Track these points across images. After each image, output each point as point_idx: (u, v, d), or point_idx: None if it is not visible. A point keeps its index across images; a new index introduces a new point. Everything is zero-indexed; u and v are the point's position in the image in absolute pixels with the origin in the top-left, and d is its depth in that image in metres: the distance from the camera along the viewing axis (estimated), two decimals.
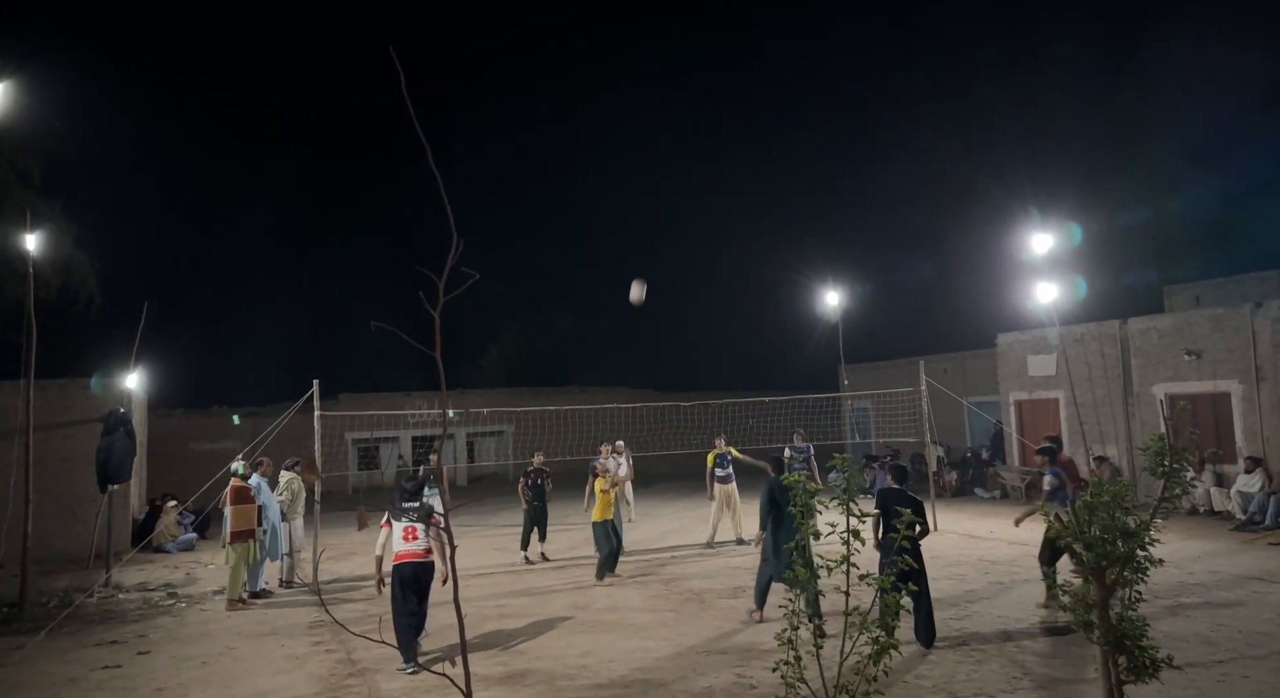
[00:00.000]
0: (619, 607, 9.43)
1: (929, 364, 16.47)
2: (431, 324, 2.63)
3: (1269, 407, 13.96)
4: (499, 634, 8.44)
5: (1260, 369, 14.14)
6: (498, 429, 26.46)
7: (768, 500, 8.54)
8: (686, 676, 6.85)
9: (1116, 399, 16.58)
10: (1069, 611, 3.83)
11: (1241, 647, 6.99)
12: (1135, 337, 16.50)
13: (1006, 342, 19.60)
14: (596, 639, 8.06)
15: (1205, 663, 6.57)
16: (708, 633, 8.17)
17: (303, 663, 7.76)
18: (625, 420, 17.79)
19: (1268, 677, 6.22)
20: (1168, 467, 4.00)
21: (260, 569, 10.91)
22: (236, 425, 13.50)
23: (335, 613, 9.67)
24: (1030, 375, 18.88)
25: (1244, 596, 8.83)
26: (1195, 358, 15.19)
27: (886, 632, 2.98)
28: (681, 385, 29.71)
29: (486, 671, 7.15)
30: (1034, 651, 7.16)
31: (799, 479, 3.67)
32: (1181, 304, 20.29)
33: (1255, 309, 14.40)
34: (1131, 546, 3.72)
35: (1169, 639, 7.05)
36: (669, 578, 10.96)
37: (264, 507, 10.72)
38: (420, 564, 7.51)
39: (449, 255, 2.55)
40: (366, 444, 25.29)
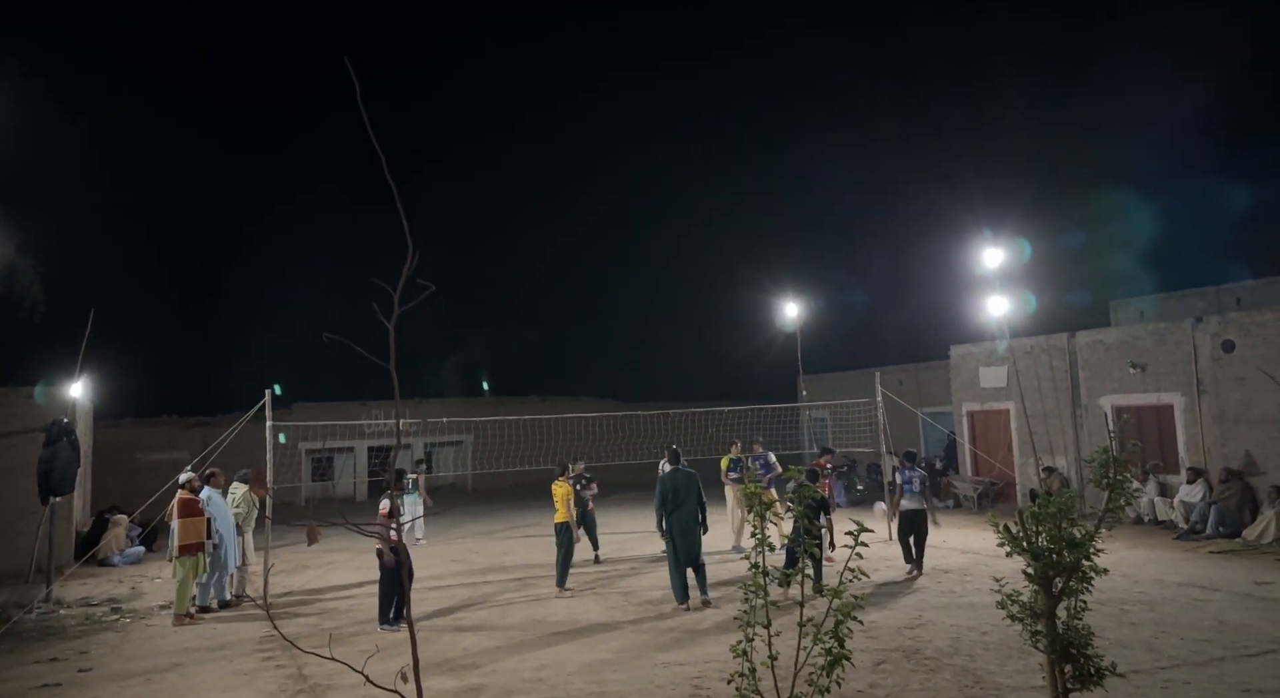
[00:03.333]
0: (577, 618, 9.38)
1: (885, 375, 16.70)
2: (387, 335, 2.61)
3: (1210, 419, 14.41)
4: (454, 647, 8.34)
5: (1201, 382, 14.59)
6: (456, 439, 26.20)
7: (659, 496, 9.96)
8: (644, 687, 6.83)
9: (1065, 410, 16.98)
10: (1015, 619, 3.91)
11: (1184, 654, 7.19)
12: (1083, 350, 16.92)
13: (959, 354, 19.97)
14: (554, 652, 8.00)
15: (1149, 670, 6.74)
16: (666, 643, 8.16)
17: (252, 679, 7.58)
18: (586, 431, 17.76)
19: (1208, 684, 6.40)
20: (1112, 479, 4.11)
21: (224, 580, 10.67)
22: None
23: (286, 628, 9.48)
24: (982, 387, 19.25)
25: (1186, 603, 9.08)
26: (1140, 371, 15.63)
27: (839, 643, 3.01)
28: (643, 396, 29.76)
29: (440, 685, 7.06)
30: (985, 659, 7.28)
31: (756, 490, 3.70)
32: (1127, 318, 20.88)
33: (1196, 324, 14.87)
34: (1077, 556, 3.81)
35: (1115, 646, 7.22)
36: (628, 589, 10.93)
37: (213, 519, 10.48)
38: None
39: (404, 266, 2.54)
40: (320, 455, 24.87)
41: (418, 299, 2.54)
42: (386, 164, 2.57)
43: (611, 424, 17.28)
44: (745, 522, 13.24)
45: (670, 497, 9.81)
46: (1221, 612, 8.62)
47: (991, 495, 18.45)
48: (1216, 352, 14.33)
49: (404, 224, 2.54)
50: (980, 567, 11.43)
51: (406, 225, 2.54)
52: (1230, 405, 14.09)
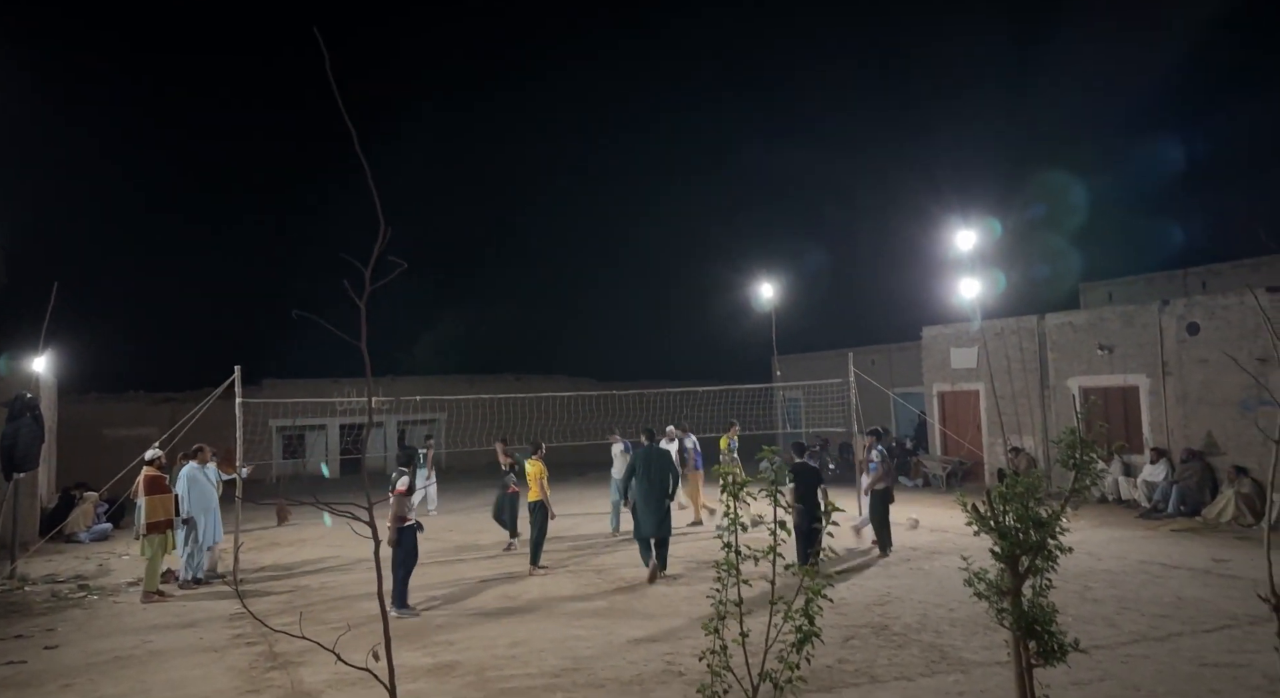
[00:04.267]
0: (551, 596, 9.42)
1: (858, 356, 16.82)
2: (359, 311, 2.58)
3: (1174, 400, 14.69)
4: (428, 625, 8.35)
5: (1166, 364, 14.86)
6: (430, 417, 26.08)
7: (628, 470, 10.63)
8: (617, 663, 6.89)
9: (1034, 391, 17.23)
10: (982, 597, 3.98)
11: (1144, 629, 7.37)
12: (1052, 331, 17.15)
13: (931, 335, 20.17)
14: (527, 629, 8.04)
15: (1110, 645, 6.91)
16: (639, 621, 8.23)
17: (222, 656, 7.55)
18: (561, 409, 17.74)
19: (1167, 658, 6.57)
20: (1079, 460, 4.18)
21: (202, 558, 10.57)
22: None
23: (257, 605, 9.44)
24: (953, 368, 19.47)
25: (1147, 580, 9.30)
26: (1107, 353, 15.88)
27: (809, 620, 3.04)
28: (618, 375, 29.76)
29: (414, 661, 7.07)
30: (952, 635, 7.42)
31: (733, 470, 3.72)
32: (1096, 300, 21.18)
33: (1163, 307, 15.12)
34: (1043, 535, 3.88)
35: (1077, 622, 7.39)
36: (602, 567, 10.99)
37: (184, 496, 10.36)
38: (402, 528, 8.76)
39: (376, 243, 2.50)
40: (291, 432, 24.66)
41: (389, 277, 2.50)
42: (357, 137, 2.52)
43: (586, 403, 17.29)
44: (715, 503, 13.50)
45: (640, 471, 10.39)
46: (1180, 588, 8.85)
47: (960, 475, 18.73)
48: (1182, 334, 14.59)
49: (375, 200, 2.50)
50: (948, 545, 11.62)
51: (378, 201, 2.50)
52: (1193, 387, 14.38)
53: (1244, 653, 6.57)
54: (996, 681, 6.14)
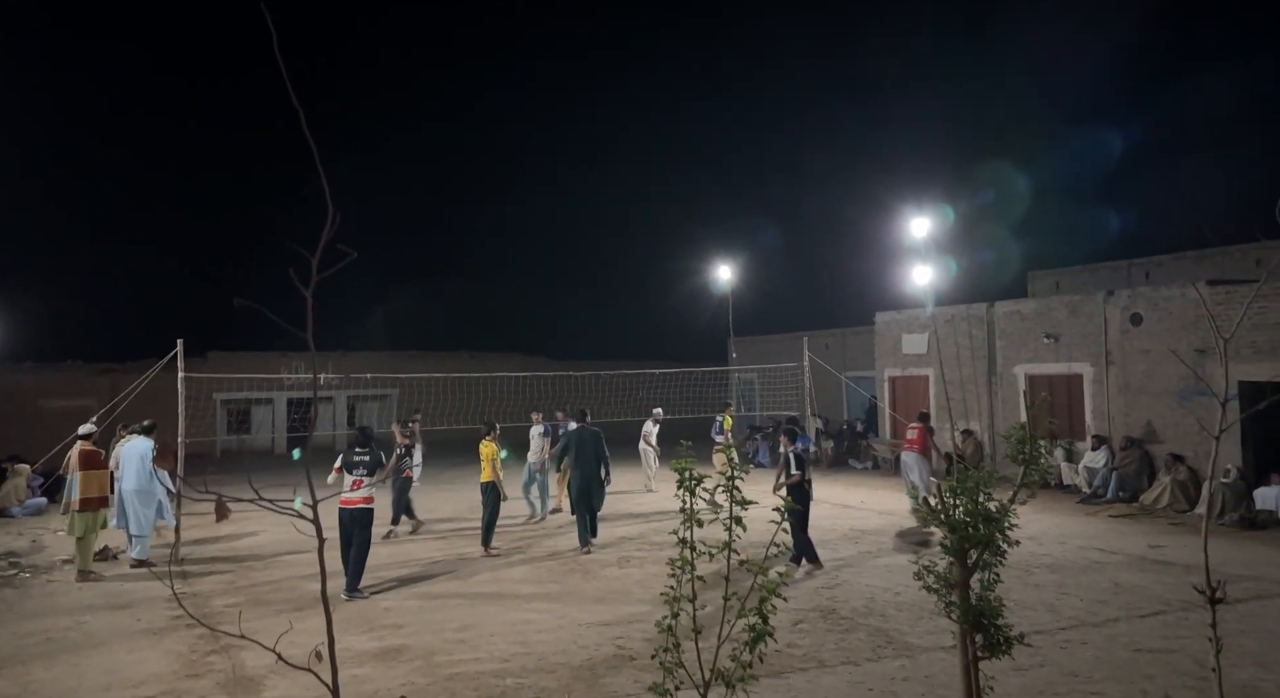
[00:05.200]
0: (502, 579, 9.36)
1: (812, 340, 16.97)
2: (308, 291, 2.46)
3: (1116, 388, 15.09)
4: (374, 607, 8.24)
5: (1110, 353, 15.24)
6: (381, 393, 25.69)
7: (560, 450, 11.32)
8: (568, 648, 6.87)
9: (981, 378, 17.56)
10: (932, 590, 4.02)
11: (1082, 615, 7.58)
12: (1000, 319, 17.46)
13: (884, 320, 20.41)
14: (477, 612, 7.98)
15: (1049, 630, 7.08)
16: (591, 604, 8.22)
17: (160, 638, 7.35)
18: (516, 389, 17.58)
19: (1104, 643, 6.76)
20: (1028, 454, 4.23)
21: (147, 533, 10.26)
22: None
23: (200, 586, 9.23)
24: (904, 353, 19.75)
25: (1086, 565, 9.56)
26: (1054, 341, 16.23)
27: (763, 619, 3.03)
28: (573, 354, 29.63)
29: (360, 646, 6.97)
30: (898, 620, 7.55)
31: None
32: (1043, 289, 21.61)
33: (1108, 297, 15.47)
34: (993, 529, 3.92)
35: (1019, 607, 7.55)
36: (555, 549, 10.96)
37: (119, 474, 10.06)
38: (358, 509, 8.82)
39: (324, 229, 2.38)
40: (237, 406, 24.08)
41: (338, 266, 2.39)
42: (304, 117, 2.39)
43: (541, 383, 17.16)
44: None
45: (573, 450, 11.10)
46: (1118, 574, 9.12)
47: None
48: (1125, 324, 14.96)
49: (324, 183, 2.38)
50: (896, 528, 11.80)
51: (326, 185, 2.38)
52: (1135, 377, 14.77)
53: (1177, 639, 6.79)
54: (941, 666, 6.25)
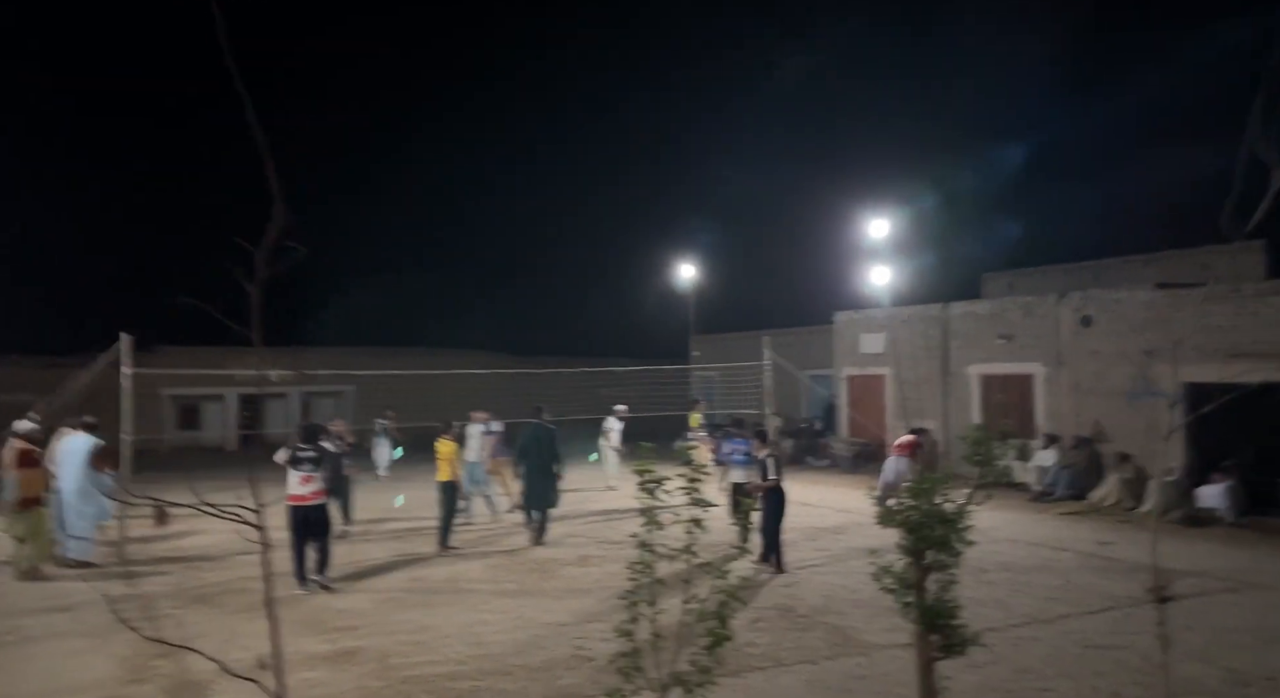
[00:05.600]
0: (459, 578, 9.25)
1: (773, 338, 17.02)
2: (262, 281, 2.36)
3: (1067, 388, 15.41)
4: (327, 609, 8.08)
5: (1061, 354, 15.56)
6: (337, 389, 25.26)
7: (519, 448, 11.24)
8: (525, 649, 6.80)
9: (936, 377, 17.82)
10: (889, 591, 4.04)
11: (1034, 612, 7.71)
12: (955, 320, 17.73)
13: (843, 320, 20.60)
14: (434, 613, 7.86)
15: (1002, 628, 7.19)
16: (549, 604, 8.15)
17: (104, 642, 7.12)
18: (476, 386, 17.38)
19: (1055, 640, 6.89)
20: (984, 456, 4.27)
21: (89, 534, 9.94)
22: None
23: (146, 586, 8.98)
24: (862, 352, 19.96)
25: (1037, 563, 9.74)
26: (1007, 341, 16.52)
27: (721, 622, 3.01)
28: (535, 350, 29.41)
29: (312, 649, 6.83)
30: (855, 617, 7.60)
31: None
32: (997, 291, 21.96)
33: (1060, 299, 15.79)
34: (948, 531, 3.95)
35: (973, 605, 7.62)
36: (513, 548, 10.86)
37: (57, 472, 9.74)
38: (311, 507, 8.72)
39: (272, 225, 2.29)
40: (188, 402, 23.50)
41: (286, 262, 2.30)
42: (250, 104, 2.30)
43: (502, 380, 17.00)
44: None
45: (526, 446, 11.18)
46: (1068, 571, 9.30)
47: (866, 456, 19.27)
48: (1076, 326, 15.28)
49: (270, 177, 2.29)
50: (854, 526, 11.90)
51: (273, 178, 2.29)
52: (1085, 377, 15.10)
53: (1125, 635, 6.93)
54: (897, 664, 6.30)
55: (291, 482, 8.73)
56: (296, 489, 8.69)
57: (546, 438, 11.24)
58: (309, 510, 8.69)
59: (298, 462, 8.77)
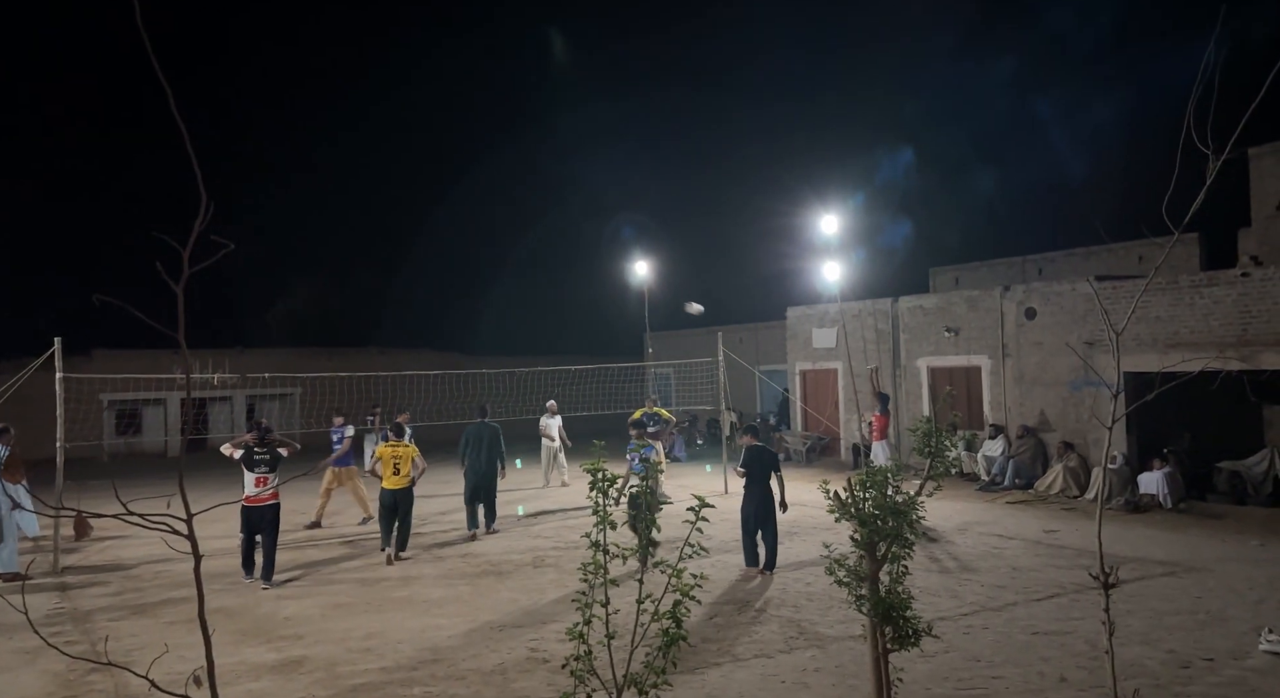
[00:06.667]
0: (411, 583, 9.08)
1: (726, 334, 17.10)
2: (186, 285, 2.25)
3: (1012, 380, 15.74)
4: (274, 616, 7.87)
5: (1006, 346, 15.88)
6: (284, 392, 24.72)
7: (462, 444, 11.68)
8: (479, 653, 6.69)
9: (886, 370, 18.06)
10: (843, 584, 4.05)
11: (983, 600, 7.83)
12: (904, 314, 17.99)
13: (795, 315, 20.78)
14: (384, 619, 7.70)
15: (952, 616, 7.29)
16: (504, 606, 8.05)
17: (35, 658, 6.84)
18: (427, 387, 17.14)
19: (1004, 627, 7.00)
20: (934, 447, 4.30)
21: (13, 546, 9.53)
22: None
23: (81, 600, 8.65)
24: (814, 347, 20.15)
25: (985, 551, 9.91)
26: (954, 334, 16.81)
27: (676, 623, 2.96)
28: (486, 349, 29.13)
29: (258, 658, 6.64)
30: (809, 610, 7.65)
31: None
32: (944, 285, 22.38)
33: (1004, 292, 16.11)
34: (900, 522, 3.97)
35: (923, 594, 7.75)
36: (467, 551, 10.71)
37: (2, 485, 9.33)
38: (266, 507, 9.05)
39: (197, 220, 2.18)
40: (126, 406, 22.76)
41: (213, 259, 2.19)
42: (172, 96, 2.18)
43: (453, 381, 16.78)
44: None
45: (471, 444, 11.58)
46: (1015, 559, 9.48)
47: (819, 450, 19.47)
48: (1020, 318, 15.61)
49: (194, 167, 2.18)
50: (806, 519, 11.98)
51: (197, 168, 2.18)
52: (1029, 368, 15.43)
53: (1070, 620, 7.08)
54: (851, 656, 6.35)
55: (247, 483, 9.04)
56: (251, 490, 8.98)
57: (490, 436, 11.69)
58: (263, 510, 9.00)
59: (254, 464, 9.04)
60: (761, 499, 9.10)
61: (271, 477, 9.12)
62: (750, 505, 9.14)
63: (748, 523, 9.16)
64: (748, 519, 9.15)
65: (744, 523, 9.20)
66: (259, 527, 9.02)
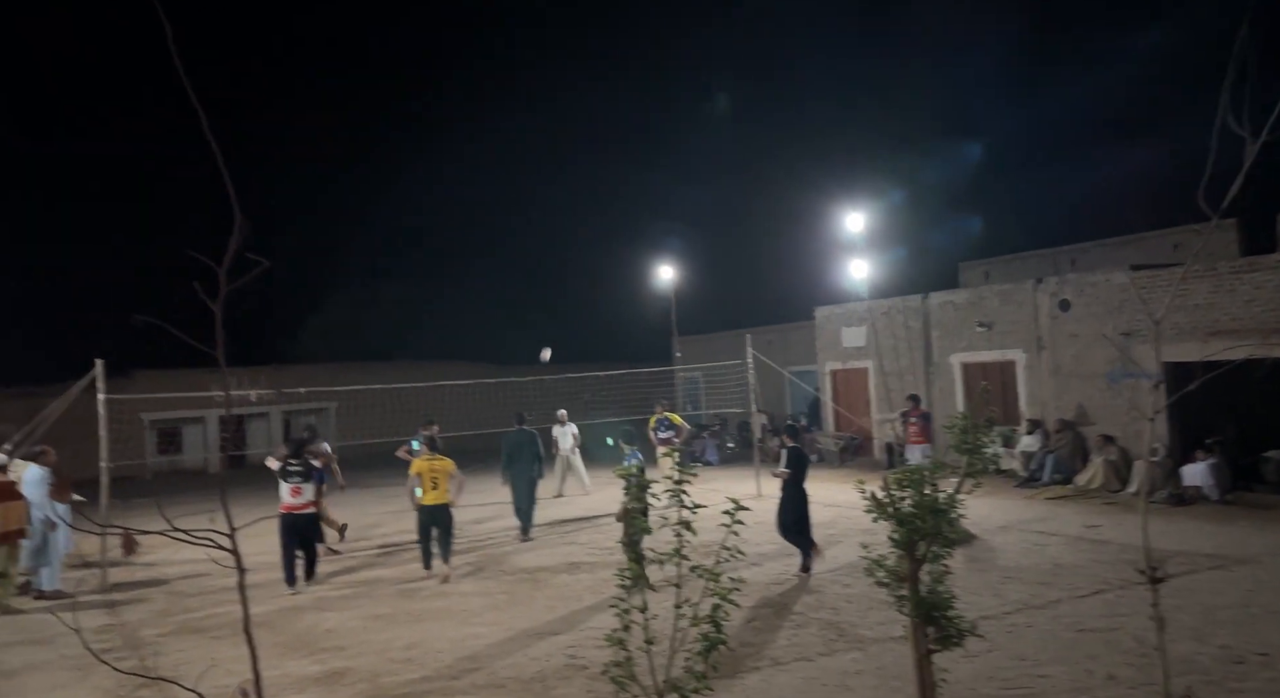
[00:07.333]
0: (449, 593, 9.13)
1: (755, 336, 17.03)
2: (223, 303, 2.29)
3: (1048, 373, 15.49)
4: (316, 628, 7.95)
5: (1041, 339, 15.64)
6: (319, 406, 25.03)
7: (504, 453, 12.13)
8: (518, 661, 6.72)
9: (919, 368, 17.89)
10: (883, 585, 4.00)
11: (1026, 598, 7.71)
12: (935, 310, 17.80)
13: (824, 315, 20.64)
14: (424, 629, 7.75)
15: (996, 615, 7.18)
16: (541, 614, 8.07)
17: (87, 675, 6.97)
18: (459, 397, 17.27)
19: (1048, 625, 6.88)
20: (971, 444, 4.25)
21: (56, 566, 9.75)
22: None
23: (128, 614, 8.81)
24: (844, 346, 20.00)
25: (1027, 548, 9.76)
26: (987, 329, 16.60)
27: (716, 627, 2.95)
28: (518, 358, 29.26)
29: (301, 671, 6.71)
30: (848, 612, 7.57)
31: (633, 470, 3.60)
32: (974, 279, 22.08)
33: (1037, 285, 15.87)
34: (940, 521, 3.92)
35: (965, 593, 7.62)
36: (502, 559, 10.75)
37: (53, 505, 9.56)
38: (302, 515, 9.49)
39: (232, 238, 2.22)
40: (168, 425, 23.18)
41: (248, 276, 2.23)
42: (205, 119, 2.23)
43: (485, 390, 16.89)
44: None
45: (511, 452, 12.06)
46: (1058, 555, 9.32)
47: (852, 450, 19.30)
48: (1054, 311, 15.37)
49: (229, 188, 2.22)
50: (842, 520, 11.88)
51: (231, 189, 2.22)
52: (1065, 361, 15.19)
53: (1116, 617, 6.94)
54: (893, 657, 6.28)
55: (283, 493, 9.51)
56: (288, 500, 9.45)
57: (529, 442, 12.17)
58: (298, 519, 9.44)
59: (288, 475, 9.49)
60: (802, 500, 9.21)
61: (305, 487, 9.53)
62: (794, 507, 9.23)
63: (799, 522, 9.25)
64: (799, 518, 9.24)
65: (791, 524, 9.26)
66: (296, 534, 9.46)
